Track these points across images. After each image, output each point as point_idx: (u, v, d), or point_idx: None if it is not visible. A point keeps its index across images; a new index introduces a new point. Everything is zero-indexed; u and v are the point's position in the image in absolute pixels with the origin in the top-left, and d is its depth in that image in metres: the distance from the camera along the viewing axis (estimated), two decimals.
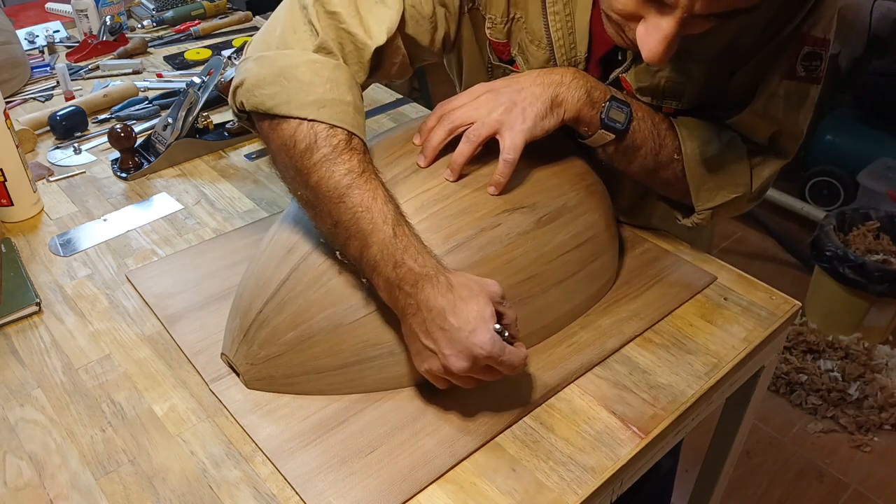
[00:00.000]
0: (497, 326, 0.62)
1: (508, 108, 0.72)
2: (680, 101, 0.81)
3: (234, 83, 0.72)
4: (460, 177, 0.73)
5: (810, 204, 2.43)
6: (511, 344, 0.63)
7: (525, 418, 0.70)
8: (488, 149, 0.73)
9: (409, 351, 0.68)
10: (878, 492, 1.67)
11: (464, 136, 0.73)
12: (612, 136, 0.75)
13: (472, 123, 0.73)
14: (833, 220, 1.99)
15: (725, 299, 0.84)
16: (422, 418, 0.69)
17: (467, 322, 0.61)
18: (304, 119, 0.66)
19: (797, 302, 0.84)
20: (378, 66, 0.75)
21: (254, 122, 0.72)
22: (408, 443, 0.67)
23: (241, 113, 0.72)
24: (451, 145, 0.74)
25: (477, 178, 0.74)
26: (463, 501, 0.62)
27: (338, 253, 0.69)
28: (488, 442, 0.67)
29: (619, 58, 0.81)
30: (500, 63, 0.85)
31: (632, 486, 0.72)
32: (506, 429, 0.68)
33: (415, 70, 0.83)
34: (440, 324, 0.62)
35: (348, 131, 0.67)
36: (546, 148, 0.78)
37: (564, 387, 0.73)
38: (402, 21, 0.74)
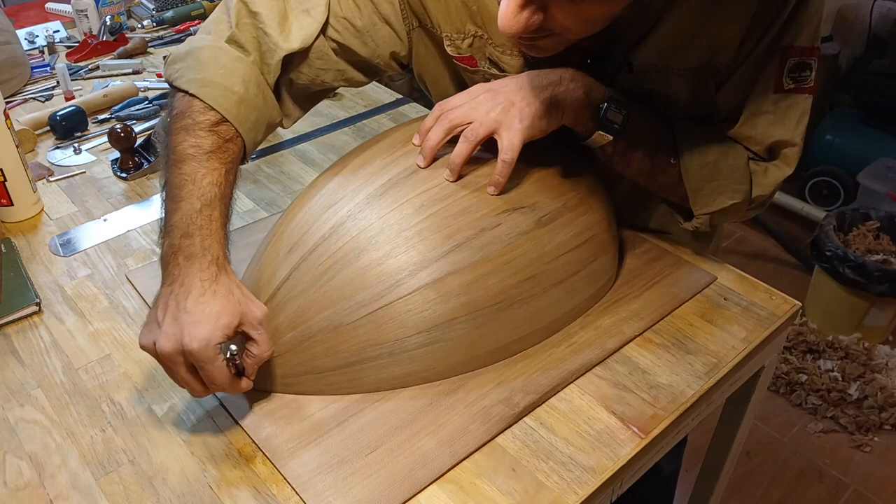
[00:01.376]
0: (219, 337, 0.61)
1: (506, 107, 0.72)
2: (666, 111, 0.81)
3: None
4: (460, 177, 0.73)
5: (810, 204, 2.43)
6: (236, 372, 0.64)
7: (525, 418, 0.70)
8: (488, 148, 0.74)
9: (409, 351, 0.68)
10: (878, 492, 1.67)
11: (462, 136, 0.73)
12: (610, 137, 0.75)
13: (471, 123, 0.73)
14: (833, 220, 1.99)
15: (725, 299, 0.84)
16: (422, 418, 0.69)
17: (199, 313, 0.61)
18: (187, 92, 0.72)
19: (797, 302, 0.84)
20: (300, 71, 0.81)
21: None
22: (408, 443, 0.67)
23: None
24: (451, 145, 0.74)
25: (477, 178, 0.74)
26: (463, 501, 0.62)
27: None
28: (488, 442, 0.67)
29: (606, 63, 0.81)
30: (478, 69, 0.85)
31: (632, 486, 0.72)
32: (506, 429, 0.68)
33: (383, 79, 0.87)
34: (178, 300, 0.62)
35: (222, 116, 0.72)
36: (546, 148, 0.78)
37: (564, 387, 0.73)
38: (326, 31, 0.79)
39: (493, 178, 0.73)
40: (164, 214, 0.69)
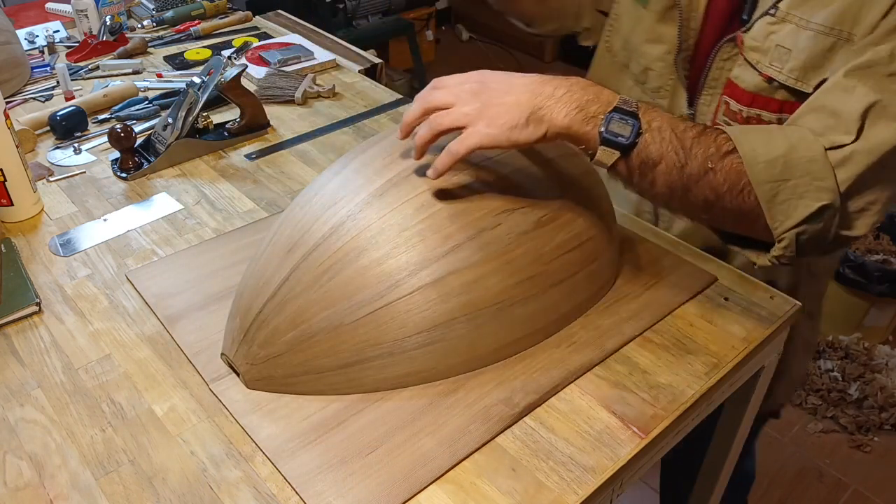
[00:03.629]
0: None
1: (482, 108, 0.68)
2: (781, 68, 0.76)
3: None
4: (450, 172, 0.73)
5: None
6: None
7: (525, 418, 0.70)
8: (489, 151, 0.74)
9: (409, 351, 0.68)
10: (878, 492, 1.67)
11: (427, 120, 0.71)
12: (616, 153, 0.68)
13: (446, 109, 0.70)
14: None
15: (725, 299, 0.84)
16: (422, 418, 0.69)
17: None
18: None
19: (797, 302, 0.84)
20: None
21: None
22: (408, 443, 0.67)
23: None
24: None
25: (477, 178, 0.74)
26: (463, 501, 0.62)
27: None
28: (488, 442, 0.67)
29: (745, 17, 0.79)
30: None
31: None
32: (506, 429, 0.68)
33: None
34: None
35: None
36: (546, 148, 0.78)
37: (564, 387, 0.73)
38: None
39: (435, 163, 0.70)
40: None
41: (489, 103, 0.69)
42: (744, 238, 0.73)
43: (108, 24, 1.46)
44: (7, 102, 1.25)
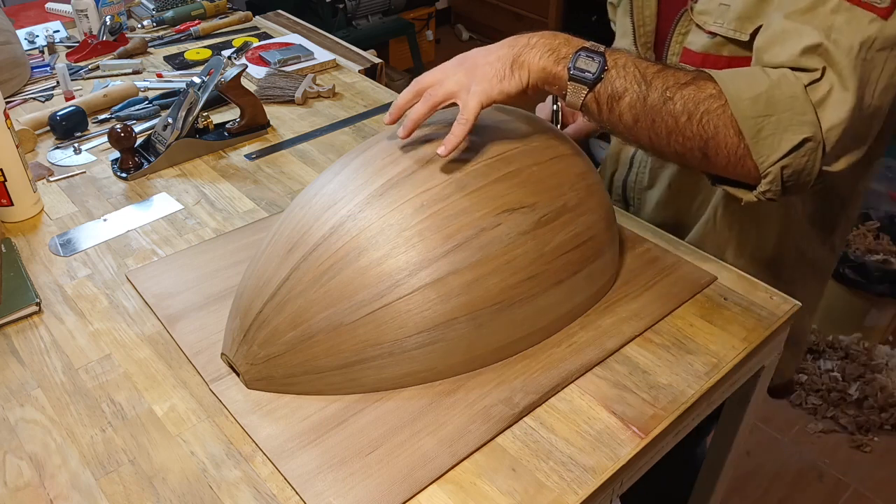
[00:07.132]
0: None
1: (469, 71, 0.74)
2: (722, 23, 0.80)
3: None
4: (437, 145, 0.74)
5: None
6: None
7: (525, 418, 0.70)
8: (484, 149, 0.74)
9: (409, 351, 0.68)
10: (878, 492, 1.67)
11: (423, 96, 0.75)
12: (585, 88, 0.73)
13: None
14: None
15: (725, 299, 0.84)
16: (422, 418, 0.69)
17: None
18: None
19: (797, 302, 0.84)
20: None
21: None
22: (408, 443, 0.67)
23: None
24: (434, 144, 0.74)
25: (476, 178, 0.74)
26: (463, 501, 0.62)
27: None
28: (488, 442, 0.67)
29: None
30: None
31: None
32: (506, 429, 0.68)
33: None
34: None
35: None
36: (546, 148, 0.78)
37: (564, 387, 0.73)
38: None
39: (447, 138, 0.73)
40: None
41: (474, 66, 0.74)
42: (731, 180, 0.76)
43: (108, 24, 1.46)
44: (7, 102, 1.25)
